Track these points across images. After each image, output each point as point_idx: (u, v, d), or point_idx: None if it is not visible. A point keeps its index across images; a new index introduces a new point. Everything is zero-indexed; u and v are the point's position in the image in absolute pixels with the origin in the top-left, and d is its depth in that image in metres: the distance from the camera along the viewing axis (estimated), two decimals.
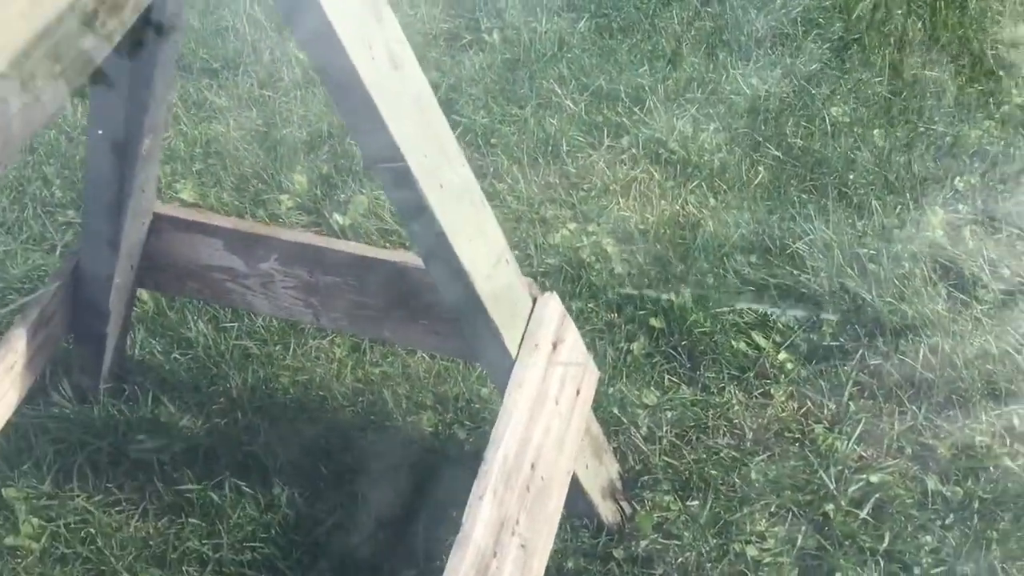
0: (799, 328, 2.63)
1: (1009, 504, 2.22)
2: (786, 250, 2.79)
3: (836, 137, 3.14)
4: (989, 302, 2.63)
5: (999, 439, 2.34)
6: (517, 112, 3.33)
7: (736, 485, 2.32)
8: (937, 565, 2.12)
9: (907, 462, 2.33)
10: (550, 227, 2.92)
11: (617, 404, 2.47)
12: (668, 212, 2.95)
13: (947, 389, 2.45)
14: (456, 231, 1.76)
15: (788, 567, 2.15)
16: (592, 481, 2.21)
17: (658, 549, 2.20)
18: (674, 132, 3.19)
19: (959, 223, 2.85)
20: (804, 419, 2.46)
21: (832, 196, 2.94)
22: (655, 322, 2.64)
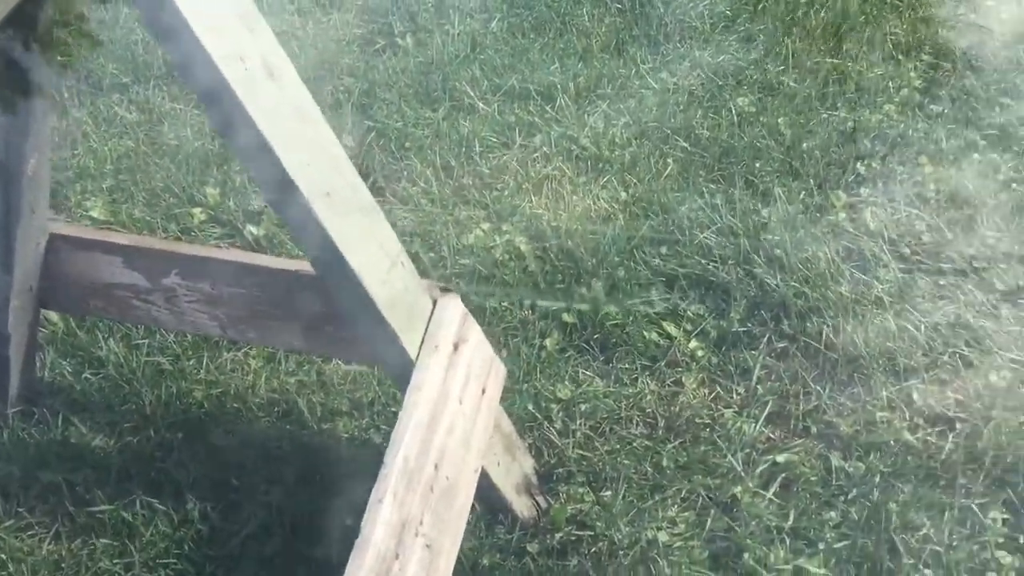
0: (709, 316, 2.69)
1: (909, 476, 2.29)
2: (694, 240, 2.84)
3: (743, 127, 3.20)
4: (890, 281, 2.71)
5: (899, 413, 2.41)
6: (430, 115, 3.35)
7: (648, 473, 2.36)
8: (840, 539, 2.18)
9: (812, 441, 2.39)
10: (464, 228, 2.94)
11: (532, 400, 2.50)
12: (580, 208, 2.99)
13: (850, 368, 2.52)
14: (345, 238, 1.77)
15: (698, 550, 2.20)
16: (504, 478, 2.24)
17: (572, 541, 2.23)
18: (585, 128, 3.23)
19: (861, 206, 2.93)
20: (714, 404, 2.51)
21: (739, 185, 3.00)
22: (568, 317, 2.68)
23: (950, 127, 3.13)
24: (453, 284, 2.75)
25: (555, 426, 2.46)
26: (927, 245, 2.79)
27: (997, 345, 2.52)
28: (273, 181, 1.66)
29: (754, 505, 2.26)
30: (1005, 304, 2.61)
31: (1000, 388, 2.43)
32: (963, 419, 2.39)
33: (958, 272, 2.70)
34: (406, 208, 3.03)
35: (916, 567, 2.12)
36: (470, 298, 2.73)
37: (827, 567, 2.14)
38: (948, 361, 2.49)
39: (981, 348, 2.52)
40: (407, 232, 2.94)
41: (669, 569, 2.16)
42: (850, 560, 2.15)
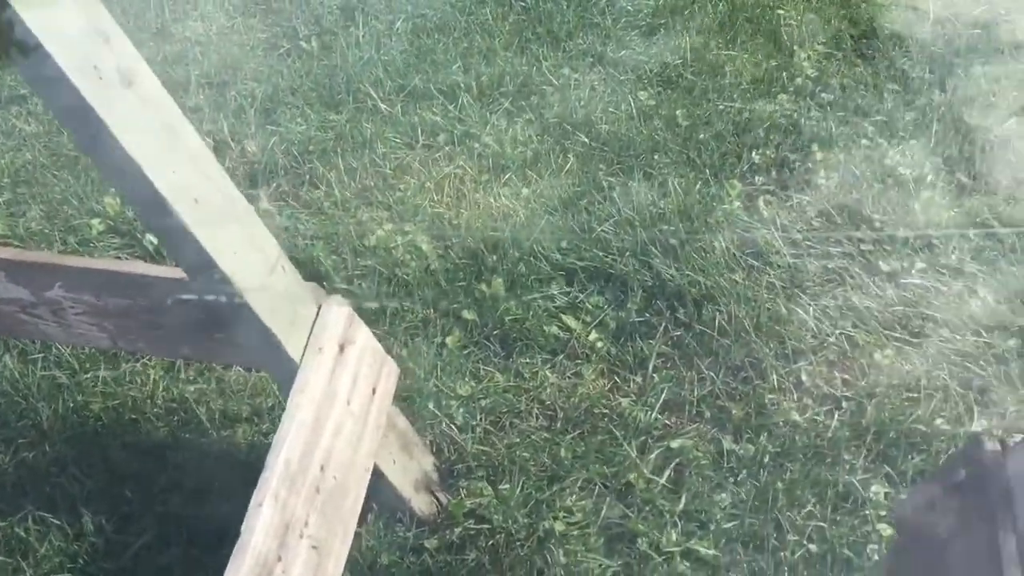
0: (608, 307, 2.73)
1: (797, 455, 2.36)
2: (593, 234, 2.88)
3: (642, 120, 3.26)
4: (781, 267, 2.78)
5: (788, 395, 2.48)
6: (334, 117, 3.35)
7: (547, 465, 2.40)
8: (730, 520, 2.24)
9: (705, 426, 2.45)
10: (366, 229, 2.95)
11: (432, 399, 2.52)
12: (482, 205, 3.02)
13: (743, 353, 2.58)
14: (218, 245, 1.78)
15: (593, 537, 2.24)
16: (401, 476, 2.26)
17: (470, 535, 2.26)
18: (488, 127, 3.26)
19: (755, 194, 3.00)
20: (612, 394, 2.56)
21: (638, 177, 3.05)
22: (468, 314, 2.70)
23: (840, 115, 3.21)
24: (355, 286, 2.77)
25: (456, 423, 2.49)
26: (817, 230, 2.87)
27: (882, 325, 2.60)
28: (136, 191, 1.66)
29: (648, 491, 2.31)
30: (889, 285, 2.69)
31: (884, 366, 2.51)
32: (849, 397, 2.46)
33: (846, 255, 2.78)
34: (308, 212, 3.03)
35: (800, 543, 2.19)
36: (371, 299, 2.75)
37: (717, 548, 2.20)
38: (835, 342, 2.57)
39: (867, 328, 2.60)
40: (309, 236, 2.94)
41: (564, 558, 2.20)
42: (739, 540, 2.21)
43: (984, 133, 3.10)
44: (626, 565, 2.21)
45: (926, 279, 2.69)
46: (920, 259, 2.75)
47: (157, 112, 1.68)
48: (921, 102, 3.22)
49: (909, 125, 3.16)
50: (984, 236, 2.80)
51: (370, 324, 2.60)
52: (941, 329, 2.58)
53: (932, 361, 2.52)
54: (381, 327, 2.69)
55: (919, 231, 2.81)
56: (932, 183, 2.96)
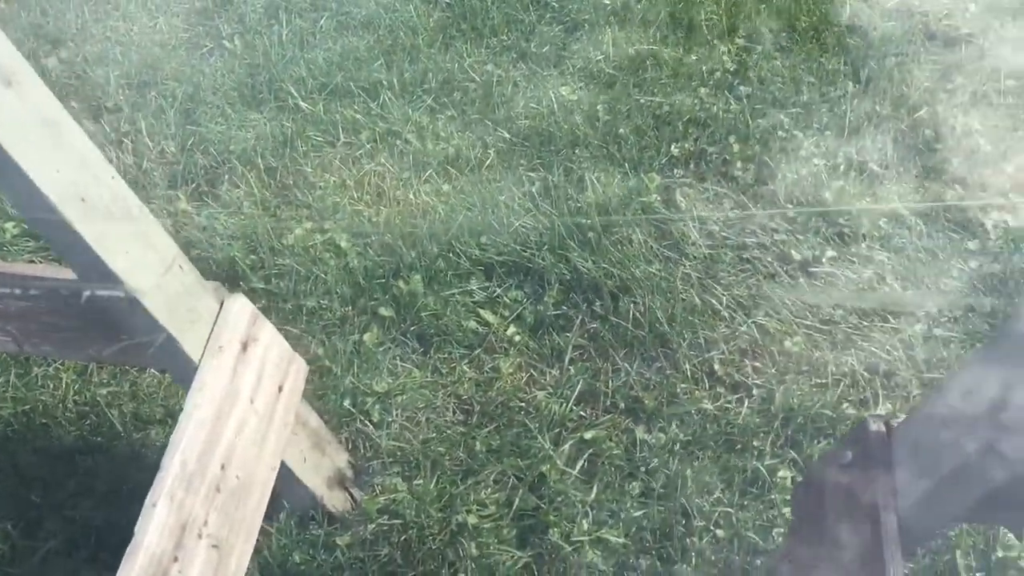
0: (526, 301, 2.75)
1: (707, 443, 2.39)
2: (512, 228, 2.90)
3: (563, 115, 3.28)
4: (697, 258, 2.81)
5: (701, 384, 2.51)
6: (255, 116, 3.33)
7: (462, 459, 2.41)
8: (640, 508, 2.27)
9: (619, 416, 2.47)
10: (285, 228, 2.94)
11: (349, 396, 2.52)
12: (402, 202, 3.02)
13: (657, 344, 2.61)
14: (108, 245, 1.76)
15: (506, 529, 2.26)
16: (313, 473, 2.26)
17: (384, 531, 2.26)
18: (409, 123, 3.26)
19: (673, 186, 3.03)
20: (529, 387, 2.57)
21: (558, 172, 3.07)
22: (385, 311, 2.70)
23: (757, 107, 3.25)
24: (272, 285, 2.76)
25: (372, 419, 2.49)
26: (733, 222, 2.91)
27: (793, 313, 2.65)
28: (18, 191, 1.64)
29: (561, 482, 2.33)
30: (801, 274, 2.74)
31: (794, 353, 2.55)
32: (759, 385, 2.50)
33: (760, 246, 2.82)
34: (227, 211, 3.01)
35: (707, 528, 2.22)
36: (288, 298, 2.74)
37: (627, 536, 2.23)
38: (747, 331, 2.60)
39: (778, 317, 2.65)
40: (227, 236, 2.92)
41: (476, 550, 2.21)
42: (648, 527, 2.24)
43: (896, 123, 3.16)
44: (537, 556, 2.23)
45: (836, 267, 2.74)
46: (831, 248, 2.79)
47: (39, 111, 1.66)
48: (836, 94, 3.28)
49: (824, 116, 3.21)
50: (894, 224, 2.86)
51: (287, 323, 2.60)
52: (850, 316, 2.63)
53: (840, 347, 2.57)
54: (298, 325, 2.69)
55: (831, 220, 2.85)
56: (845, 173, 3.01)
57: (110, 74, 3.52)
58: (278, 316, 2.70)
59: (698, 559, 2.18)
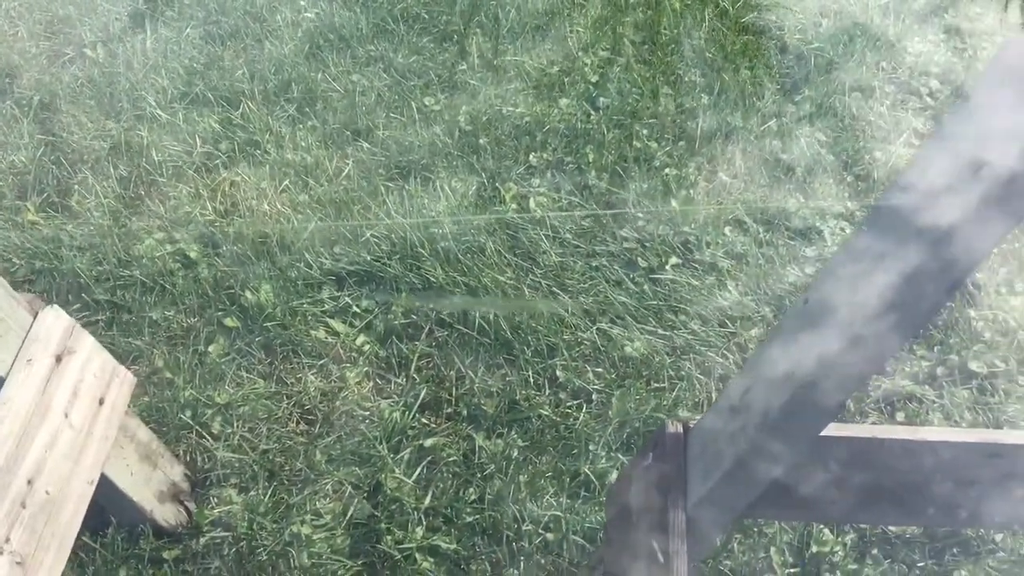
0: (377, 311, 2.76)
1: (546, 448, 2.43)
2: (364, 238, 2.90)
3: (425, 125, 3.30)
4: (548, 266, 2.86)
5: (542, 391, 2.55)
6: (112, 126, 3.28)
7: (301, 469, 2.40)
8: (475, 514, 2.29)
9: (460, 423, 2.49)
10: (135, 239, 2.90)
11: (189, 407, 2.49)
12: (256, 212, 3.01)
13: (502, 352, 2.64)
14: None
15: (340, 538, 2.26)
16: (143, 487, 2.23)
17: (215, 543, 2.25)
18: (269, 133, 3.25)
19: (529, 195, 3.08)
20: (374, 396, 2.58)
21: (415, 181, 3.09)
22: (231, 322, 2.69)
23: (616, 118, 3.32)
24: (117, 296, 2.72)
25: (212, 431, 2.47)
26: (585, 230, 2.96)
27: (636, 319, 2.70)
28: None
29: (398, 490, 2.34)
30: (647, 281, 2.80)
31: (633, 358, 2.61)
32: (599, 390, 2.55)
33: (608, 254, 2.88)
34: (76, 222, 2.96)
35: (538, 532, 2.25)
36: (132, 309, 2.70)
37: (459, 542, 2.25)
38: (589, 338, 2.65)
39: (622, 323, 2.70)
40: (74, 247, 2.87)
41: (308, 560, 2.21)
42: (481, 533, 2.26)
43: (746, 135, 3.26)
44: (369, 564, 2.23)
45: (679, 274, 2.81)
46: (676, 255, 2.86)
47: None
48: (690, 104, 3.37)
49: (678, 127, 3.29)
50: (737, 232, 2.95)
51: (130, 335, 2.57)
52: (691, 321, 2.70)
53: (679, 352, 2.63)
54: (141, 338, 2.65)
55: (677, 229, 2.93)
56: (693, 182, 3.09)
57: None
58: (120, 328, 2.67)
59: (527, 562, 2.21)
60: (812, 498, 1.71)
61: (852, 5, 3.76)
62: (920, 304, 1.30)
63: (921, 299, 1.29)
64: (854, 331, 1.34)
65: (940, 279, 1.23)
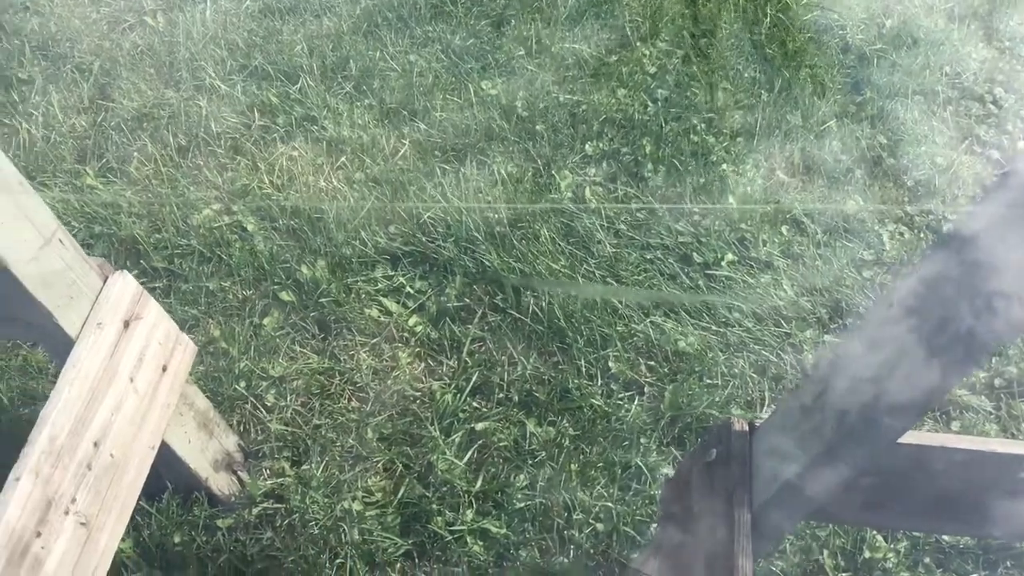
0: (430, 292, 2.76)
1: (596, 438, 2.43)
2: (421, 219, 2.91)
3: (482, 109, 3.29)
4: (603, 256, 2.85)
5: (594, 381, 2.55)
6: (171, 95, 3.30)
7: (352, 446, 2.41)
8: (525, 500, 2.30)
9: (512, 409, 2.50)
10: (193, 209, 2.92)
11: (244, 379, 2.51)
12: (313, 188, 3.02)
13: (555, 339, 2.64)
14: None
15: (391, 516, 2.27)
16: (199, 455, 2.25)
17: (268, 514, 2.26)
18: (327, 110, 3.25)
19: (585, 184, 3.07)
20: (426, 377, 2.59)
21: (471, 165, 3.09)
22: (286, 296, 2.70)
23: (673, 111, 3.30)
24: (175, 265, 2.74)
25: (265, 403, 2.49)
26: (641, 222, 2.95)
27: (690, 314, 2.69)
28: None
29: (449, 472, 2.35)
30: (702, 277, 2.79)
31: (687, 354, 2.60)
32: (651, 383, 2.55)
33: (663, 247, 2.87)
34: (135, 189, 2.98)
35: (588, 522, 2.25)
36: (190, 278, 2.72)
37: (509, 527, 2.25)
38: (643, 330, 2.64)
39: (676, 317, 2.69)
40: (132, 214, 2.89)
41: (359, 536, 2.22)
42: (531, 519, 2.27)
43: (805, 134, 3.23)
44: (419, 544, 2.24)
45: (735, 271, 2.80)
46: (732, 252, 2.85)
47: None
48: (750, 101, 3.34)
49: (736, 123, 3.27)
50: (794, 232, 2.93)
51: (187, 304, 2.59)
52: (745, 319, 2.69)
53: (733, 350, 2.62)
54: (198, 307, 2.67)
55: (734, 225, 2.91)
56: (752, 179, 3.07)
57: (25, 45, 3.45)
58: (177, 297, 2.68)
59: (576, 551, 2.22)
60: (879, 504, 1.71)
61: (916, 7, 3.71)
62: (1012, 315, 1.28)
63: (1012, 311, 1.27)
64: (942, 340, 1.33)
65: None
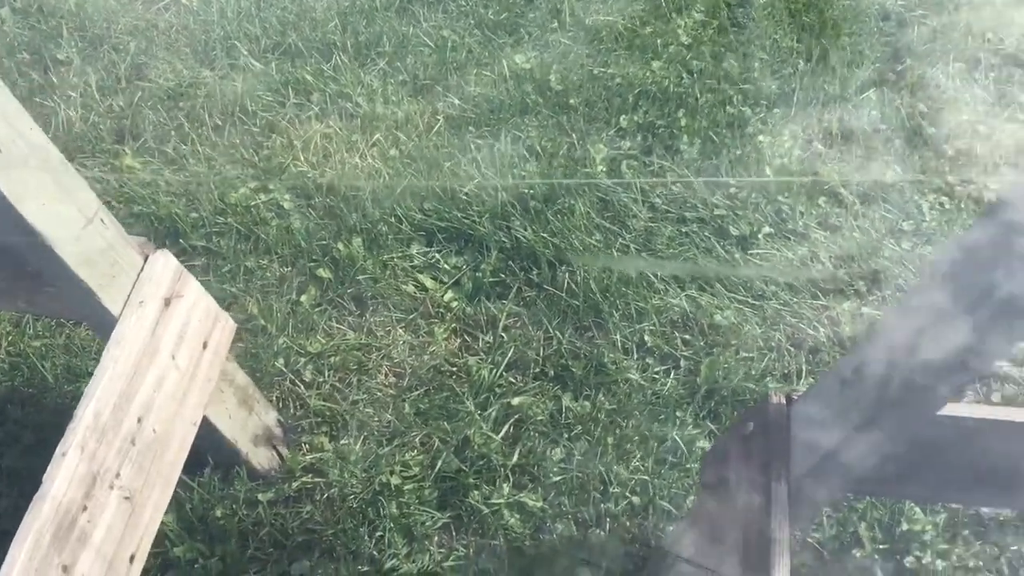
0: (466, 268, 2.77)
1: (632, 412, 2.43)
2: (456, 195, 2.91)
3: (516, 83, 3.28)
4: (638, 230, 2.84)
5: (630, 355, 2.55)
6: (207, 74, 3.32)
7: (390, 421, 2.44)
8: (561, 474, 2.31)
9: (548, 384, 2.50)
10: (230, 187, 2.94)
11: (282, 355, 2.54)
12: (348, 165, 3.03)
13: (591, 314, 2.64)
14: (23, 196, 1.76)
15: (428, 490, 2.29)
16: (240, 431, 2.28)
17: (307, 488, 2.30)
18: (361, 86, 3.26)
19: (620, 158, 3.05)
20: (462, 353, 2.60)
21: (505, 140, 3.08)
22: (324, 273, 2.72)
23: (709, 82, 3.26)
24: (213, 243, 2.77)
25: (303, 379, 2.52)
26: (676, 195, 2.93)
27: (726, 287, 2.68)
28: None
29: (485, 446, 2.37)
30: (737, 249, 2.77)
31: (723, 327, 2.58)
32: (687, 357, 2.54)
33: (698, 220, 2.85)
34: (172, 168, 3.01)
35: (624, 495, 2.26)
36: (228, 256, 2.75)
37: (545, 500, 2.27)
38: (678, 304, 2.63)
39: (711, 291, 2.68)
40: (171, 192, 2.93)
41: (397, 510, 2.25)
42: (566, 492, 2.28)
43: (843, 103, 3.18)
44: (456, 517, 2.27)
45: (771, 244, 2.77)
46: (768, 225, 2.82)
47: None
48: (787, 71, 3.29)
49: (773, 94, 3.23)
50: (832, 203, 2.89)
51: (225, 282, 2.62)
52: (782, 292, 2.67)
53: (769, 323, 2.60)
54: (236, 285, 2.70)
55: (770, 197, 2.88)
56: (789, 150, 3.03)
57: (63, 26, 3.49)
58: (216, 275, 2.72)
59: (613, 524, 2.23)
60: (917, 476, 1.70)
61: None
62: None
63: None
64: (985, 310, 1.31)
65: None
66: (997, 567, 2.11)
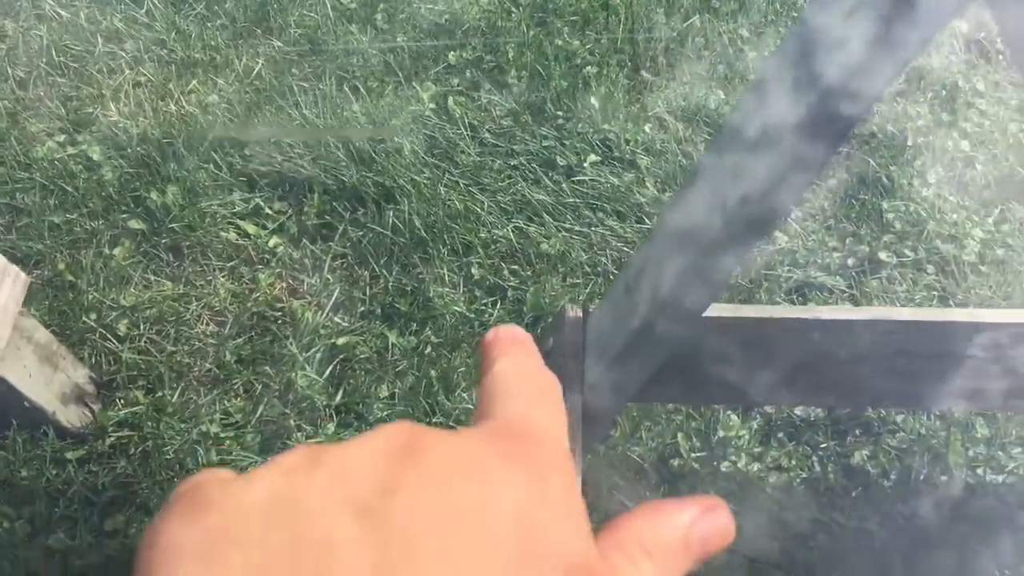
0: (291, 212, 2.69)
1: (459, 344, 2.41)
2: (277, 140, 2.82)
3: (341, 23, 3.19)
4: (466, 166, 2.81)
5: (456, 289, 2.52)
6: (10, 25, 3.13)
7: (210, 370, 2.36)
8: (387, 410, 2.28)
9: (374, 322, 2.46)
10: (35, 141, 2.79)
11: (94, 311, 2.43)
12: (163, 113, 2.90)
13: (418, 250, 2.60)
14: None
15: (250, 436, 2.23)
16: (42, 389, 2.17)
17: (122, 443, 2.21)
18: (176, 32, 3.12)
19: (448, 95, 3.01)
20: (287, 298, 2.53)
21: (330, 82, 3.00)
22: (136, 224, 2.61)
23: (538, 15, 3.24)
24: (17, 200, 2.62)
25: (117, 334, 2.41)
26: (504, 129, 2.91)
27: (553, 217, 2.68)
28: None
29: (309, 388, 2.32)
30: (565, 180, 2.77)
31: (550, 255, 2.58)
32: (515, 287, 2.53)
33: (528, 153, 2.83)
34: None
35: (448, 424, 2.24)
36: (32, 213, 2.61)
37: None
38: (505, 235, 2.62)
39: (540, 221, 2.67)
40: None
41: (216, 456, 2.18)
42: None
43: (667, 31, 3.20)
44: None
45: (598, 172, 2.78)
46: (595, 153, 2.83)
47: None
48: (615, 2, 3.30)
49: (600, 24, 3.23)
50: (657, 129, 2.92)
51: (31, 239, 2.48)
52: (608, 218, 2.68)
53: (596, 248, 2.62)
54: (42, 242, 2.56)
55: (597, 127, 2.89)
56: (614, 80, 3.04)
57: None
58: (20, 233, 2.57)
59: None
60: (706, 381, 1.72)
61: None
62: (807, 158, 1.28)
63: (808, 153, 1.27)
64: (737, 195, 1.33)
65: (827, 129, 1.21)
66: (808, 464, 2.18)
